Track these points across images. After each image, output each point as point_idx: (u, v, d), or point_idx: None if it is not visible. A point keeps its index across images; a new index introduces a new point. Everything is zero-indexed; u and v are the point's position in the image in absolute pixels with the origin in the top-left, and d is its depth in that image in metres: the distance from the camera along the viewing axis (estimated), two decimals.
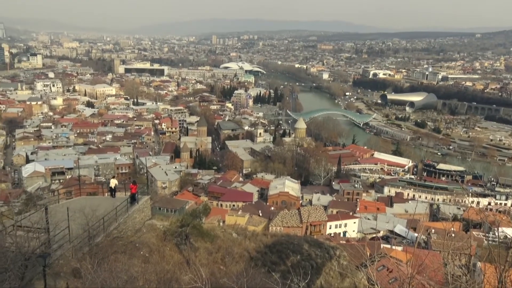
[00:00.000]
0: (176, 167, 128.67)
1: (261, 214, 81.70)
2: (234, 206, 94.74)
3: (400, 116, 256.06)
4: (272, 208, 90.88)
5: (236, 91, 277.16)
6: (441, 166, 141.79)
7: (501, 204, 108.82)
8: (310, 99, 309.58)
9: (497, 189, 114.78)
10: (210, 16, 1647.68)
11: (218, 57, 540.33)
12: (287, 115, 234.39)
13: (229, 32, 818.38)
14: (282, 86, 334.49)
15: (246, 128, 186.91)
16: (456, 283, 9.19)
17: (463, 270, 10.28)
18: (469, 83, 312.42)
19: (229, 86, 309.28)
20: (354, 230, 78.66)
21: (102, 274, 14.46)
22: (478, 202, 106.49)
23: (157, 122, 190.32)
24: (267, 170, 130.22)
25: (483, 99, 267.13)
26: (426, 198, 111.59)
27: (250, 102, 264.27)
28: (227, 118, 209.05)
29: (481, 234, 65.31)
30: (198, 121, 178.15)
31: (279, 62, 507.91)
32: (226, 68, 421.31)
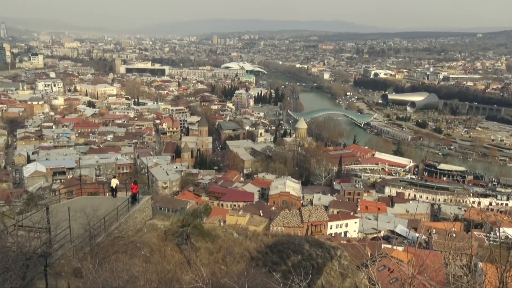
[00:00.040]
0: (177, 167, 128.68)
1: (262, 214, 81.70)
2: (235, 206, 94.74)
3: (401, 116, 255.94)
4: (273, 208, 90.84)
5: (237, 91, 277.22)
6: (442, 166, 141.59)
7: (502, 204, 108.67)
8: (311, 99, 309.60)
9: (498, 189, 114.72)
10: (210, 16, 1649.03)
11: (219, 57, 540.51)
12: (288, 115, 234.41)
13: (230, 32, 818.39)
14: (283, 86, 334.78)
15: (247, 128, 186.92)
16: (457, 283, 9.18)
17: (464, 270, 10.26)
18: (470, 83, 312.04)
19: (230, 86, 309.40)
20: (355, 230, 78.57)
21: (103, 273, 14.47)
22: (479, 202, 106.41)
23: (158, 122, 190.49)
24: (268, 170, 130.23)
25: (484, 99, 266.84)
26: (427, 198, 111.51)
27: (251, 102, 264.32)
28: (228, 118, 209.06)
29: (482, 234, 65.24)
30: (199, 121, 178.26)
31: (280, 62, 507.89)
32: (227, 68, 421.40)
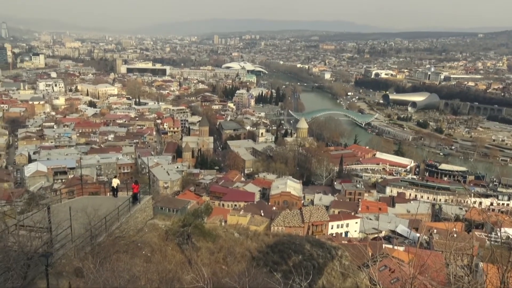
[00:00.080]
0: (178, 167, 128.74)
1: (263, 214, 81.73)
2: (236, 206, 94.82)
3: (402, 116, 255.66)
4: (274, 208, 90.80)
5: (238, 91, 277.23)
6: (443, 166, 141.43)
7: (503, 204, 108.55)
8: (312, 99, 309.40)
9: (499, 189, 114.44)
10: (210, 16, 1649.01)
11: (220, 57, 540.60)
12: (289, 115, 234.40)
13: (231, 32, 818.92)
14: (284, 86, 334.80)
15: (248, 128, 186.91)
16: (458, 284, 9.17)
17: (465, 270, 10.26)
18: (471, 83, 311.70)
19: (231, 86, 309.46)
20: (356, 230, 78.57)
21: (104, 273, 14.49)
22: (481, 203, 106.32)
23: (159, 122, 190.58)
24: (269, 170, 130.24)
25: (486, 99, 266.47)
26: (428, 198, 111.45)
27: (252, 102, 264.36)
28: (229, 118, 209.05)
29: (483, 234, 65.23)
30: (200, 121, 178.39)
31: (281, 62, 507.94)
32: (228, 68, 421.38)
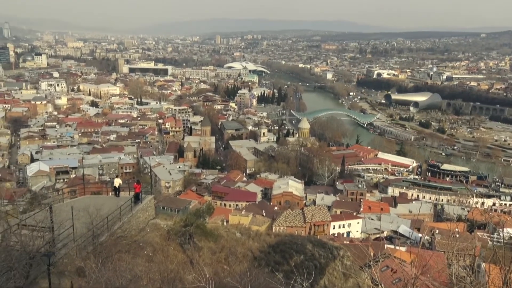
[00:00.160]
0: (179, 167, 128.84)
1: (264, 214, 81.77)
2: (237, 206, 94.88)
3: (404, 116, 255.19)
4: (275, 208, 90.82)
5: (239, 91, 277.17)
6: (445, 166, 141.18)
7: (506, 204, 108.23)
8: (314, 99, 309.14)
9: (501, 189, 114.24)
10: (210, 16, 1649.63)
11: (222, 57, 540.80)
12: (291, 115, 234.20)
13: (232, 32, 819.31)
14: (286, 86, 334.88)
15: (250, 128, 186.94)
16: (460, 284, 9.15)
17: (468, 271, 10.23)
18: (473, 83, 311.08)
19: (232, 86, 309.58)
20: (357, 230, 78.55)
21: (106, 273, 14.52)
22: (483, 203, 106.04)
23: (161, 121, 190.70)
24: (271, 170, 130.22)
25: (488, 99, 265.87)
26: (430, 198, 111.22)
27: (254, 102, 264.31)
28: (231, 118, 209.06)
29: (485, 235, 65.08)
30: (201, 120, 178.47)
31: (283, 62, 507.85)
32: (230, 68, 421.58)
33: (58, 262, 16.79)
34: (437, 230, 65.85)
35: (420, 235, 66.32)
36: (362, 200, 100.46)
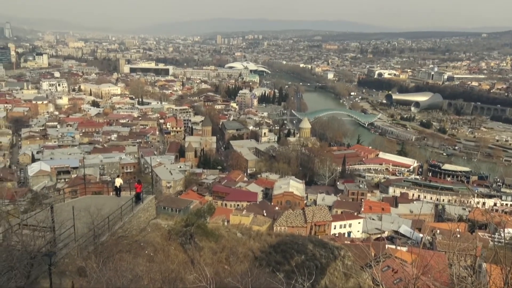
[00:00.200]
0: (180, 167, 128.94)
1: (265, 214, 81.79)
2: (238, 206, 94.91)
3: (405, 116, 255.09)
4: (276, 208, 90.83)
5: (240, 91, 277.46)
6: (446, 166, 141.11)
7: (507, 205, 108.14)
8: (315, 99, 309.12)
9: (503, 189, 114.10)
10: (210, 16, 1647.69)
11: (223, 56, 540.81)
12: (292, 115, 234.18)
13: (233, 32, 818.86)
14: (287, 86, 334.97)
15: (251, 128, 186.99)
16: (461, 284, 9.14)
17: (469, 271, 10.23)
18: (475, 83, 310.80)
19: (233, 86, 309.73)
20: (358, 230, 78.51)
21: (107, 273, 14.52)
22: (484, 203, 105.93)
23: (162, 121, 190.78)
24: (272, 170, 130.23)
25: (489, 99, 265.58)
26: (431, 198, 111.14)
27: (255, 102, 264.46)
28: (232, 118, 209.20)
29: (486, 235, 65.05)
30: (202, 120, 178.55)
31: (284, 62, 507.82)
32: (231, 67, 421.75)
33: (59, 262, 16.80)
34: (438, 230, 65.77)
35: (421, 235, 66.30)
36: (363, 200, 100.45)
